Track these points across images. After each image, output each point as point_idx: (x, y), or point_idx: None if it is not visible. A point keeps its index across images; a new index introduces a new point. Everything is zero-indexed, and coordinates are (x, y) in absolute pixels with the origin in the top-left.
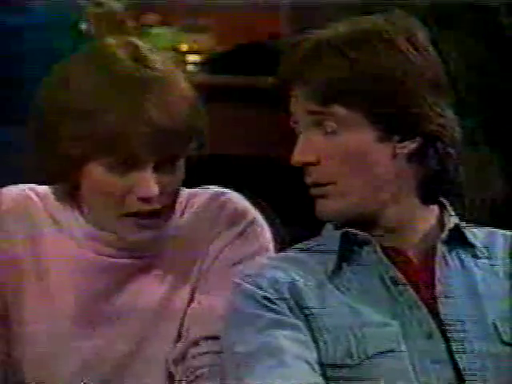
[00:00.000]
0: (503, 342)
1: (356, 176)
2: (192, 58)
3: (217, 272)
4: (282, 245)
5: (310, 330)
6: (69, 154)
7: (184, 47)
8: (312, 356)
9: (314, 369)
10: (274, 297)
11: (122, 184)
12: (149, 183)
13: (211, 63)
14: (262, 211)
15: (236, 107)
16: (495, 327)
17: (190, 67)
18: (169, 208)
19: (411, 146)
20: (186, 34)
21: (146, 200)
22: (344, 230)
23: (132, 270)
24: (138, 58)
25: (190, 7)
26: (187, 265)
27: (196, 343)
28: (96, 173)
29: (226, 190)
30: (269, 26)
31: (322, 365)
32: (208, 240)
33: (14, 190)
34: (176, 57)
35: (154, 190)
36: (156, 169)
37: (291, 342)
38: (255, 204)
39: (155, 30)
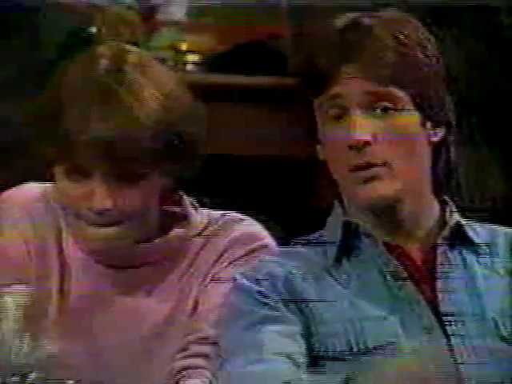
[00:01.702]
0: (502, 338)
1: (405, 159)
2: (192, 57)
3: (214, 289)
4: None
5: (307, 323)
6: (40, 153)
7: (184, 47)
8: (298, 350)
9: (296, 364)
10: (269, 291)
11: (77, 192)
12: (101, 196)
13: (211, 63)
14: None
15: (236, 107)
16: (495, 323)
17: (189, 67)
18: (135, 223)
19: (440, 133)
20: (186, 33)
21: (95, 211)
22: (345, 219)
23: (137, 278)
24: (115, 70)
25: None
26: (191, 280)
27: (184, 348)
28: (58, 176)
29: (243, 216)
30: (269, 25)
31: (318, 358)
32: (213, 260)
33: (42, 185)
34: (175, 68)
35: (105, 204)
36: (112, 182)
37: (277, 336)
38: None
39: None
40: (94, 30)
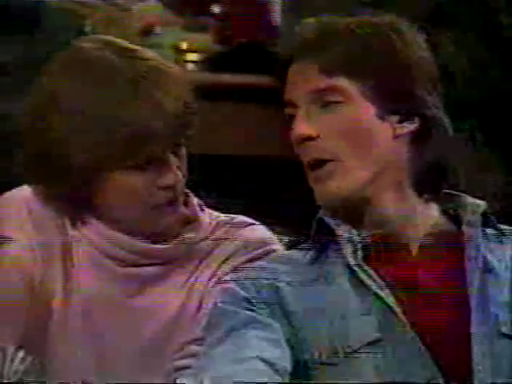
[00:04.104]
0: (502, 334)
1: (358, 153)
2: (192, 56)
3: (216, 292)
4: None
5: (294, 330)
6: (81, 168)
7: (184, 46)
8: (279, 356)
9: (275, 369)
10: (255, 298)
11: (146, 179)
12: (173, 171)
13: (211, 62)
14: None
15: (236, 106)
16: (496, 319)
17: (189, 66)
18: (183, 194)
19: (410, 126)
20: (187, 32)
21: (170, 187)
22: (319, 216)
23: (144, 278)
24: (127, 53)
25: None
26: (197, 282)
27: (181, 349)
28: (116, 178)
29: (251, 221)
30: (268, 25)
31: (306, 364)
32: (219, 263)
33: None
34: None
35: (178, 176)
36: (173, 155)
37: (259, 340)
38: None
39: (156, 29)
40: (87, 29)
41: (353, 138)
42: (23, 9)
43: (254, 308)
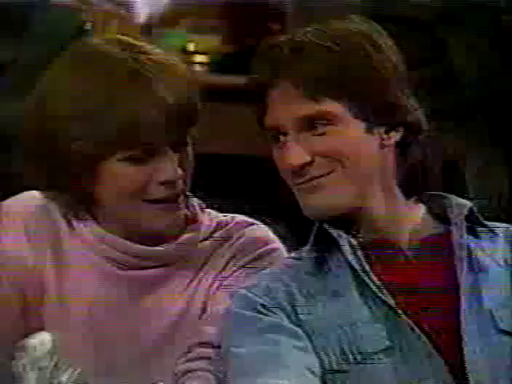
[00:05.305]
0: (501, 330)
1: (347, 168)
2: (199, 58)
3: (222, 294)
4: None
5: (308, 336)
6: (80, 156)
7: (191, 47)
8: (312, 362)
9: (315, 375)
10: (271, 305)
11: (144, 172)
12: (172, 166)
13: (218, 63)
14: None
15: (236, 107)
16: (491, 315)
17: (197, 67)
18: (184, 193)
19: (396, 136)
20: (194, 34)
21: (167, 183)
22: (318, 225)
23: (146, 280)
24: (130, 48)
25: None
26: (200, 284)
27: (187, 351)
28: (114, 168)
29: (252, 220)
30: (274, 26)
31: (323, 370)
32: (222, 264)
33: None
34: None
35: (177, 172)
36: (173, 151)
37: (291, 348)
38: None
39: (163, 31)
40: (88, 27)
41: (344, 156)
42: (23, 8)
43: (274, 314)
